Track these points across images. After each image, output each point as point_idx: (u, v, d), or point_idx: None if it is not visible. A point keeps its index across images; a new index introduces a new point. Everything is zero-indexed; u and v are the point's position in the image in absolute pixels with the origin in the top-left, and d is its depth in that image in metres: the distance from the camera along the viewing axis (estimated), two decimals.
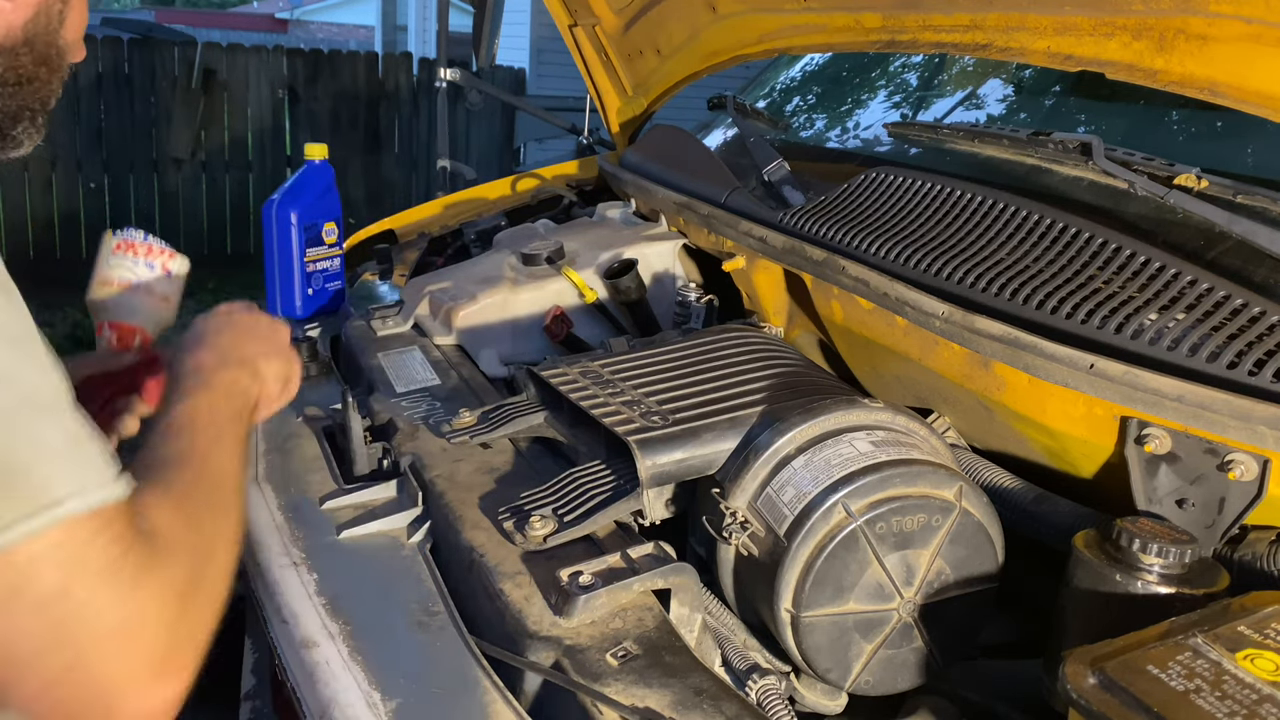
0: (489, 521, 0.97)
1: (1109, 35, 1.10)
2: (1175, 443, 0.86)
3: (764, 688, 0.87)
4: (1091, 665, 0.61)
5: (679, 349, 1.18)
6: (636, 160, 1.86)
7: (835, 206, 1.33)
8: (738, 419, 0.98)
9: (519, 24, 9.06)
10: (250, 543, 1.00)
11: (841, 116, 2.02)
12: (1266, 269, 0.96)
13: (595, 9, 2.00)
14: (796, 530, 0.85)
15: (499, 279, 1.53)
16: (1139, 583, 0.76)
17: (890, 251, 1.18)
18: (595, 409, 1.03)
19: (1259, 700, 0.58)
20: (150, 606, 0.66)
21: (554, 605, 0.84)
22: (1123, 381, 0.87)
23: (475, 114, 7.29)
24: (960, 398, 1.08)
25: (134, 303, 1.17)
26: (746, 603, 0.94)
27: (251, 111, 6.73)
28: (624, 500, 0.94)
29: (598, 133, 2.39)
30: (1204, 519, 0.86)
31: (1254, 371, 0.84)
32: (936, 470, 0.88)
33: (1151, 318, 0.92)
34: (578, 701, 0.75)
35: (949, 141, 1.48)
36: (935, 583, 0.87)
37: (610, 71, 2.14)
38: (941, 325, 1.03)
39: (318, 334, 1.60)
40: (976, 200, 1.19)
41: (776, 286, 1.35)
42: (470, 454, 1.12)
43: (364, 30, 21.00)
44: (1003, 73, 1.80)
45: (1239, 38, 0.98)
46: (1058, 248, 1.06)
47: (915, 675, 0.89)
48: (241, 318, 1.00)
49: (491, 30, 2.45)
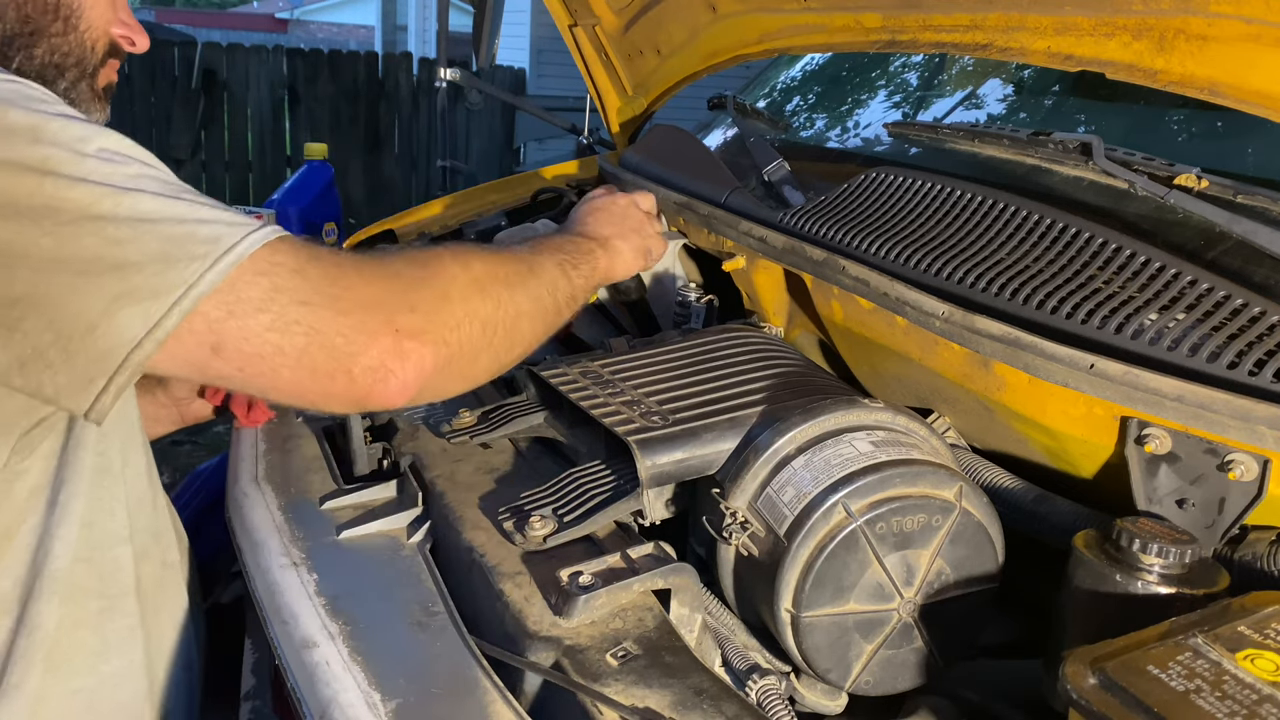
0: (489, 521, 0.97)
1: (1109, 35, 1.10)
2: (1175, 443, 0.86)
3: (764, 688, 0.87)
4: (1091, 665, 0.61)
5: (679, 349, 1.18)
6: (636, 160, 1.86)
7: (835, 206, 1.33)
8: (738, 419, 0.98)
9: (519, 24, 9.06)
10: (250, 543, 1.00)
11: (841, 116, 2.02)
12: (1266, 269, 0.96)
13: (595, 9, 2.00)
14: (796, 530, 0.85)
15: None
16: (1139, 583, 0.76)
17: (890, 251, 1.18)
18: (595, 409, 1.03)
19: (1259, 700, 0.58)
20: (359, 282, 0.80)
21: (554, 605, 0.84)
22: (1123, 381, 0.87)
23: (475, 114, 7.30)
24: (960, 398, 1.08)
25: None
26: (746, 603, 0.94)
27: (251, 111, 6.73)
28: (624, 500, 0.94)
29: (598, 133, 2.39)
30: (1204, 519, 0.86)
31: (1254, 371, 0.84)
32: (937, 470, 0.88)
33: (1151, 318, 0.92)
34: (578, 701, 0.75)
35: (949, 141, 1.48)
36: (935, 583, 0.87)
37: (610, 71, 2.14)
38: (941, 325, 1.03)
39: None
40: (976, 200, 1.19)
41: (776, 286, 1.35)
42: (470, 454, 1.12)
43: (364, 30, 21.01)
44: (1003, 73, 1.80)
45: (1239, 38, 0.98)
46: (1058, 248, 1.06)
47: (915, 675, 0.89)
48: (600, 202, 1.17)
49: (491, 30, 2.45)
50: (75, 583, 0.91)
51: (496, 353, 0.91)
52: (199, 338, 0.73)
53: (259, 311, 0.74)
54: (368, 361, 0.78)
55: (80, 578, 0.92)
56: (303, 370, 0.76)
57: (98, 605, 0.94)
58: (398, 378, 0.79)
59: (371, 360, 0.78)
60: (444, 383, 0.86)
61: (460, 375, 0.88)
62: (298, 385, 0.77)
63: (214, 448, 3.46)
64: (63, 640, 0.90)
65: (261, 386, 0.78)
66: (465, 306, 0.86)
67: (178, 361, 0.74)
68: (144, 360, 0.72)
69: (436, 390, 0.87)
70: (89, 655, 0.93)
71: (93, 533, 0.93)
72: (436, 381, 0.84)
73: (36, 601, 0.88)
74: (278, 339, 0.75)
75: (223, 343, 0.73)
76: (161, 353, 0.72)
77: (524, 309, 0.93)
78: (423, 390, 0.82)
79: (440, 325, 0.83)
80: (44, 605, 0.88)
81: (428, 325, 0.82)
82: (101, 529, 0.94)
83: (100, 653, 0.94)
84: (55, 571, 0.89)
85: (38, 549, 0.88)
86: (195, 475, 1.58)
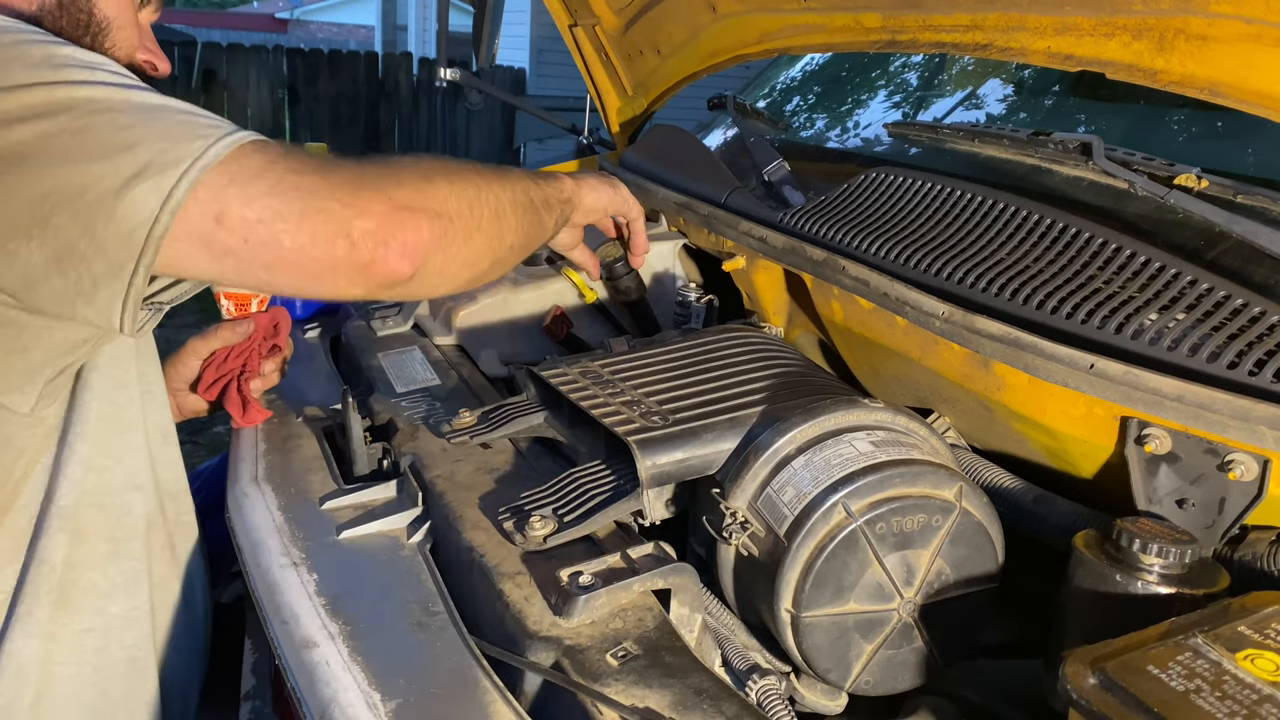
0: (489, 521, 0.97)
1: (1109, 35, 1.10)
2: (1175, 443, 0.86)
3: (764, 688, 0.87)
4: (1091, 665, 0.61)
5: (679, 349, 1.18)
6: (636, 160, 1.86)
7: (835, 206, 1.33)
8: (738, 419, 0.98)
9: (519, 24, 9.06)
10: (250, 543, 1.00)
11: (841, 116, 2.02)
12: (1266, 269, 0.96)
13: (595, 9, 2.00)
14: (796, 530, 0.85)
15: (499, 279, 1.53)
16: (1139, 583, 0.76)
17: (890, 251, 1.18)
18: (595, 409, 1.03)
19: (1259, 700, 0.58)
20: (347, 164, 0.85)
21: (554, 605, 0.84)
22: (1123, 381, 0.87)
23: (475, 114, 7.30)
24: (960, 398, 1.08)
25: None
26: (746, 603, 0.94)
27: (251, 111, 6.73)
28: (624, 500, 0.94)
29: (598, 133, 2.39)
30: (1204, 519, 0.86)
31: (1254, 371, 0.84)
32: (937, 470, 0.88)
33: (1151, 318, 0.92)
34: (578, 701, 0.75)
35: (949, 141, 1.48)
36: (935, 583, 0.87)
37: (610, 71, 2.14)
38: (941, 325, 1.03)
39: (318, 334, 1.60)
40: (976, 200, 1.19)
41: (776, 286, 1.35)
42: (470, 454, 1.12)
43: (364, 30, 21.01)
44: (1003, 73, 1.80)
45: (1239, 38, 0.98)
46: (1058, 248, 1.06)
47: (915, 675, 0.89)
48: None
49: (491, 30, 2.45)
50: (83, 523, 0.97)
51: (488, 237, 0.94)
52: (203, 206, 0.77)
53: (257, 179, 0.79)
54: (366, 225, 0.81)
55: (88, 519, 0.98)
56: (304, 235, 0.79)
57: (106, 548, 1.00)
58: (398, 241, 0.83)
59: (369, 224, 0.82)
60: (444, 260, 0.89)
61: (459, 256, 0.90)
62: (300, 255, 0.80)
63: (214, 448, 3.46)
64: (73, 580, 0.97)
65: (267, 262, 0.80)
66: (449, 186, 0.90)
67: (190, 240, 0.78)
68: (162, 237, 0.76)
69: (439, 269, 0.89)
70: (98, 596, 0.99)
71: (102, 477, 0.99)
72: (437, 255, 0.87)
73: (45, 535, 0.94)
74: (277, 204, 0.79)
75: (225, 211, 0.77)
76: (175, 228, 0.76)
77: (504, 199, 0.97)
78: (427, 260, 0.86)
79: (430, 198, 0.87)
80: (50, 540, 0.94)
81: (418, 196, 0.86)
82: (111, 474, 1.00)
83: (108, 594, 1.00)
84: (62, 509, 0.95)
85: (48, 486, 0.95)
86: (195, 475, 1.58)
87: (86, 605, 0.98)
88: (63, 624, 0.96)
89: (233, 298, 1.36)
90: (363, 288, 0.84)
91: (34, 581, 0.94)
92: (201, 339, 1.27)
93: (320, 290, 0.84)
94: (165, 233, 0.76)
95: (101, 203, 0.75)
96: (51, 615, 0.95)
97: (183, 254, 0.79)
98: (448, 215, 0.88)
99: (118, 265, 0.77)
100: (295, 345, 1.43)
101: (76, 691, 0.98)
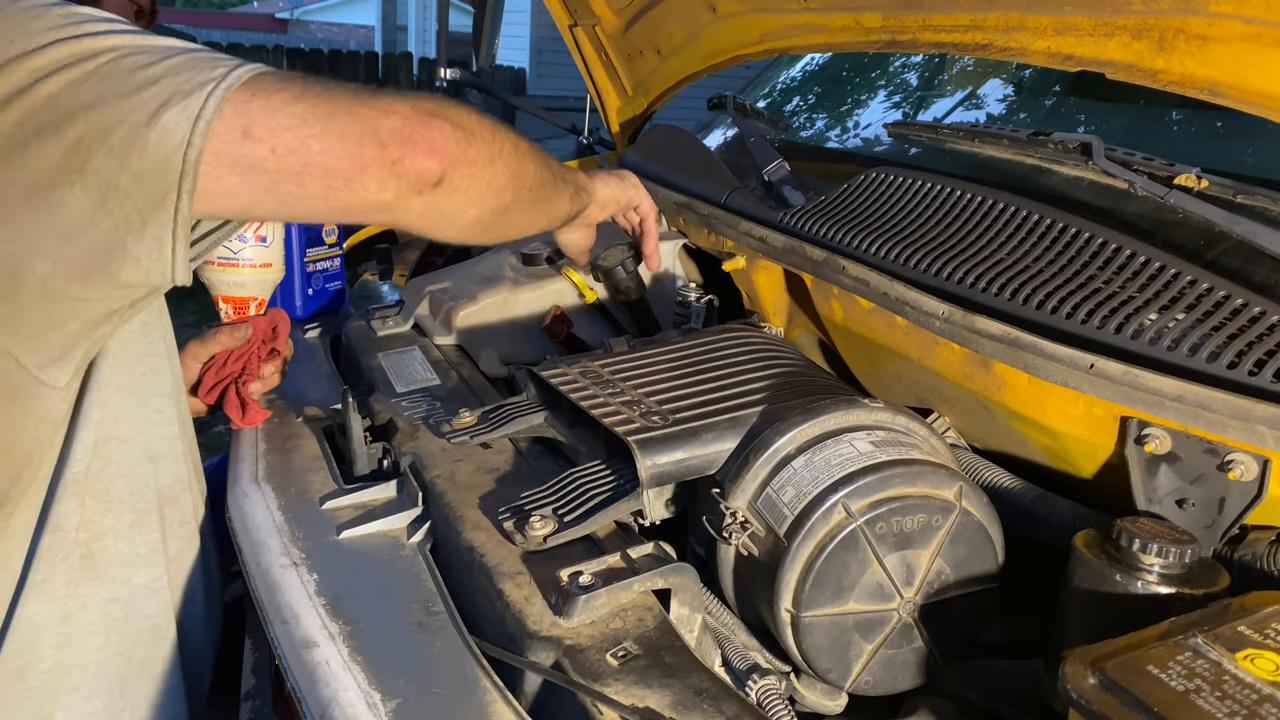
0: (489, 521, 0.97)
1: (1109, 35, 1.10)
2: (1175, 443, 0.86)
3: (764, 688, 0.87)
4: (1091, 665, 0.61)
5: (679, 349, 1.18)
6: (636, 160, 1.86)
7: (835, 206, 1.33)
8: (738, 419, 0.98)
9: (519, 24, 9.06)
10: (250, 542, 1.00)
11: (841, 116, 2.02)
12: (1266, 269, 0.96)
13: (595, 9, 2.00)
14: (797, 530, 0.85)
15: (499, 279, 1.53)
16: (1139, 583, 0.76)
17: (890, 251, 1.18)
18: (595, 409, 1.03)
19: (1259, 700, 0.58)
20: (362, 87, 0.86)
21: (554, 605, 0.84)
22: (1123, 381, 0.87)
23: None
24: (960, 398, 1.08)
25: (237, 277, 1.35)
26: (746, 603, 0.94)
27: None
28: (624, 500, 0.94)
29: (598, 133, 2.39)
30: (1204, 519, 0.86)
31: (1254, 371, 0.84)
32: (937, 470, 0.88)
33: (1151, 318, 0.92)
34: (578, 701, 0.75)
35: (949, 141, 1.48)
36: (935, 583, 0.87)
37: (610, 71, 2.15)
38: (941, 325, 1.03)
39: (318, 334, 1.60)
40: (976, 200, 1.19)
41: (776, 286, 1.35)
42: (470, 454, 1.12)
43: (364, 30, 21.02)
44: (1003, 73, 1.80)
45: (1239, 38, 0.98)
46: (1058, 248, 1.06)
47: (915, 675, 0.89)
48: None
49: (491, 30, 2.45)
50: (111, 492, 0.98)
51: (510, 168, 0.95)
52: (228, 123, 0.78)
53: (280, 92, 0.80)
54: (392, 124, 0.83)
55: (116, 489, 0.99)
56: (331, 136, 0.80)
57: (131, 518, 1.01)
58: (425, 140, 0.84)
59: (396, 123, 0.83)
60: (470, 174, 0.89)
61: (484, 174, 0.91)
62: (329, 155, 0.81)
63: (214, 448, 3.45)
64: (102, 549, 0.98)
65: (295, 169, 0.81)
66: (467, 112, 0.91)
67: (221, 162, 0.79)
68: (198, 160, 0.78)
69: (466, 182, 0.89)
70: (123, 566, 1.00)
71: (125, 448, 0.99)
72: (463, 165, 0.88)
73: (59, 502, 0.94)
74: (302, 109, 0.80)
75: (252, 124, 0.79)
76: (206, 150, 0.78)
77: (521, 142, 0.98)
78: (455, 166, 0.87)
79: (450, 111, 0.88)
80: (63, 506, 0.95)
81: (439, 107, 0.87)
82: (132, 445, 1.00)
83: (131, 563, 1.01)
84: (75, 475, 0.95)
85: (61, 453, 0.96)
86: None
87: (113, 575, 0.99)
88: (93, 593, 0.97)
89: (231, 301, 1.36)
90: (393, 190, 0.84)
91: (49, 548, 0.94)
92: (200, 343, 1.26)
93: (350, 198, 0.84)
94: (199, 156, 0.78)
95: (135, 135, 0.77)
96: (75, 582, 0.96)
97: (215, 180, 0.80)
98: (470, 129, 0.89)
99: (160, 195, 0.79)
100: (295, 345, 1.43)
101: (105, 659, 0.99)
